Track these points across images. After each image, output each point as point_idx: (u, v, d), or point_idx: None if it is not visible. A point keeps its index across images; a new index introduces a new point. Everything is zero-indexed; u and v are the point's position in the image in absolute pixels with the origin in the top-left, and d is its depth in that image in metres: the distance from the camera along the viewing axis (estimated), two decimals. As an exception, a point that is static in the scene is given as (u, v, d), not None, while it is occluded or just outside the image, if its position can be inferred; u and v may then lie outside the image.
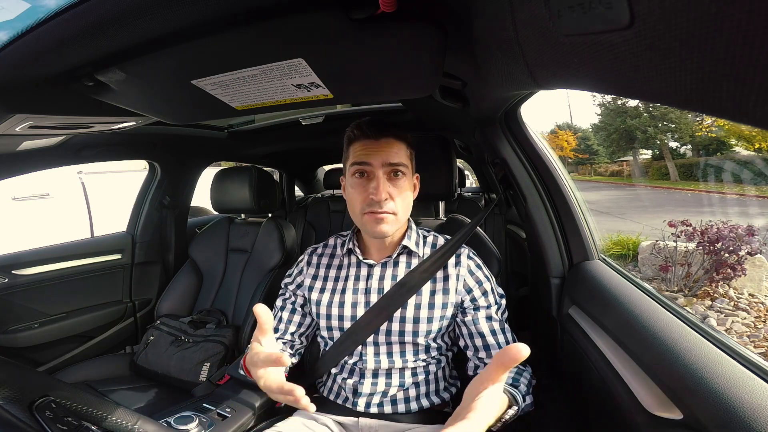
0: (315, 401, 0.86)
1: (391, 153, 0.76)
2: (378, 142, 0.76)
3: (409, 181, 0.80)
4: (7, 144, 0.88)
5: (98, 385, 1.23)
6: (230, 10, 0.38)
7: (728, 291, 3.05)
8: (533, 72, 0.42)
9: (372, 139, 0.77)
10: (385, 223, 0.75)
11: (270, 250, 1.40)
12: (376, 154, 0.75)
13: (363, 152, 0.76)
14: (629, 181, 17.58)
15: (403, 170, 0.77)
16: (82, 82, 0.52)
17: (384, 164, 0.75)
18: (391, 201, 0.75)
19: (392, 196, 0.75)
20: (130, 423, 0.55)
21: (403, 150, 0.78)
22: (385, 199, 0.74)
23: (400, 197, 0.77)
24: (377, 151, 0.75)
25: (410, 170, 0.81)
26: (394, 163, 0.76)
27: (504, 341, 0.78)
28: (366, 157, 0.75)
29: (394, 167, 0.76)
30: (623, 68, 0.26)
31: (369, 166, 0.75)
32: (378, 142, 0.76)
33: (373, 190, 0.74)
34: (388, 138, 0.77)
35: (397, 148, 0.77)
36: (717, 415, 0.40)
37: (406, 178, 0.78)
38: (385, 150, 0.76)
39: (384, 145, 0.76)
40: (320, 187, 2.63)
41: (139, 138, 1.35)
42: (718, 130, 14.46)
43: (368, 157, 0.75)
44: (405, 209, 0.79)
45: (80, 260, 1.46)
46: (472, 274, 0.81)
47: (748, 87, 0.17)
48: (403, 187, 0.77)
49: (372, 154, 0.75)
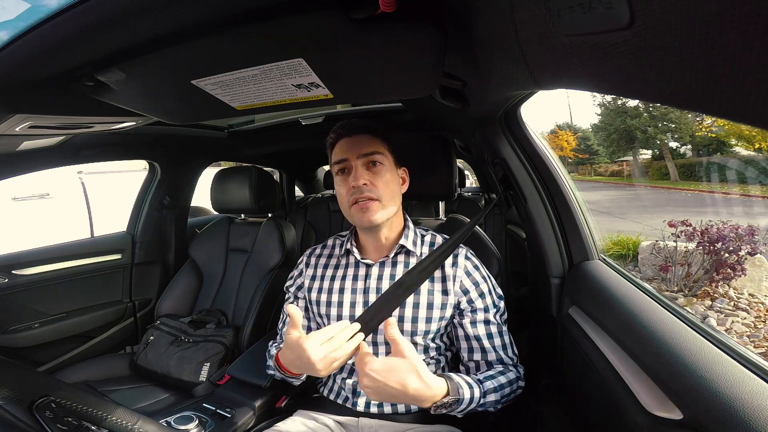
0: (315, 401, 0.87)
1: (365, 145, 0.79)
2: (352, 138, 0.80)
3: (389, 170, 0.81)
4: (7, 144, 0.88)
5: (98, 385, 1.23)
6: (230, 10, 0.38)
7: (728, 291, 3.05)
8: (533, 72, 0.42)
9: (346, 137, 0.81)
10: (370, 210, 0.77)
11: (270, 250, 1.40)
12: (351, 149, 0.79)
13: (340, 150, 0.80)
14: (629, 181, 17.57)
15: (379, 159, 0.80)
16: (82, 82, 0.52)
17: (359, 155, 0.78)
18: (372, 187, 0.77)
19: (372, 182, 0.78)
20: (130, 423, 0.55)
21: (377, 141, 0.81)
22: (363, 184, 0.77)
23: (382, 184, 0.79)
24: (352, 146, 0.79)
25: (389, 160, 0.82)
26: (368, 152, 0.79)
27: (500, 344, 0.78)
28: (343, 153, 0.80)
29: (369, 157, 0.79)
30: (623, 68, 0.26)
31: (347, 161, 0.79)
32: (352, 139, 0.80)
33: (353, 179, 0.77)
34: (362, 133, 0.81)
35: (371, 140, 0.80)
36: (717, 415, 0.40)
37: (385, 167, 0.80)
38: (360, 143, 0.79)
39: (357, 139, 0.80)
40: (320, 187, 2.63)
41: (139, 138, 1.35)
42: (718, 130, 14.46)
43: (345, 153, 0.79)
44: (389, 196, 0.80)
45: (80, 260, 1.46)
46: (469, 275, 0.81)
47: (748, 87, 0.17)
48: (381, 174, 0.79)
49: (348, 150, 0.79)
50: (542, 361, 0.97)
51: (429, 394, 0.61)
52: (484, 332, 0.78)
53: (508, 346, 0.80)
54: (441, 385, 0.64)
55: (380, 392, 0.60)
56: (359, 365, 0.62)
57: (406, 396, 0.60)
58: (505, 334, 0.80)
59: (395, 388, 0.59)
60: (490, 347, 0.78)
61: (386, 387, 0.59)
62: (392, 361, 0.61)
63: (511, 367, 0.77)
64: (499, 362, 0.78)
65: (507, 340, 0.80)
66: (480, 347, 0.78)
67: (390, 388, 0.59)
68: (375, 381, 0.59)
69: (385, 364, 0.60)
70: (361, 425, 0.80)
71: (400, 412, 0.80)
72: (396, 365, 0.60)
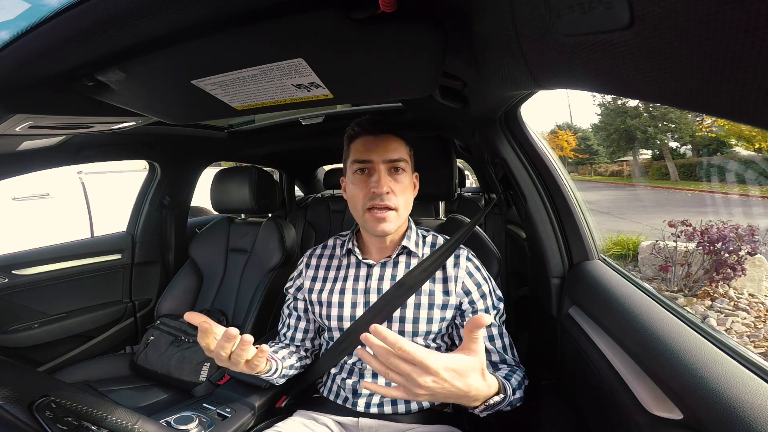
0: (315, 401, 0.87)
1: (391, 149, 0.77)
2: (378, 138, 0.77)
3: (409, 178, 0.80)
4: (7, 144, 0.88)
5: (98, 385, 1.23)
6: (230, 11, 0.38)
7: (728, 291, 3.05)
8: (533, 72, 0.42)
9: (372, 135, 0.78)
10: (386, 222, 0.75)
11: (270, 250, 1.40)
12: (376, 150, 0.76)
13: (364, 149, 0.77)
14: (629, 181, 17.57)
15: (403, 166, 0.78)
16: (82, 82, 0.52)
17: (385, 160, 0.76)
18: (392, 195, 0.75)
19: (394, 191, 0.76)
20: (130, 423, 0.55)
21: (402, 146, 0.79)
22: (386, 192, 0.74)
23: (401, 193, 0.77)
24: (377, 147, 0.76)
25: (410, 167, 0.81)
26: (394, 159, 0.76)
27: (501, 346, 0.78)
28: (367, 153, 0.76)
29: (394, 163, 0.77)
30: (623, 68, 0.26)
31: (370, 162, 0.76)
32: (378, 138, 0.77)
33: (375, 184, 0.74)
34: (388, 134, 0.78)
35: (397, 144, 0.78)
36: (717, 415, 0.40)
37: (407, 175, 0.79)
38: (385, 146, 0.76)
39: (384, 140, 0.77)
40: (320, 187, 2.63)
41: (139, 138, 1.35)
42: (718, 130, 14.46)
43: (369, 154, 0.76)
44: (406, 206, 0.79)
45: (80, 260, 1.46)
46: (471, 276, 0.81)
47: (748, 87, 0.17)
48: (403, 183, 0.78)
49: (373, 151, 0.76)
50: (542, 361, 0.97)
51: (486, 393, 0.55)
52: (486, 334, 0.78)
53: (509, 348, 0.79)
54: (495, 382, 0.57)
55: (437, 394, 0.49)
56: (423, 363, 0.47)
57: (466, 397, 0.51)
58: (504, 335, 0.80)
59: (460, 388, 0.50)
60: (492, 349, 0.78)
61: (451, 388, 0.49)
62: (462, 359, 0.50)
63: (516, 367, 0.77)
64: (503, 363, 0.78)
65: (507, 342, 0.80)
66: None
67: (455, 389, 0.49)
68: (441, 381, 0.48)
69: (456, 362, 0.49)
70: (360, 425, 0.80)
71: (400, 412, 0.80)
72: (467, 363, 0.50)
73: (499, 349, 0.78)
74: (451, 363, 0.49)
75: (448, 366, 0.48)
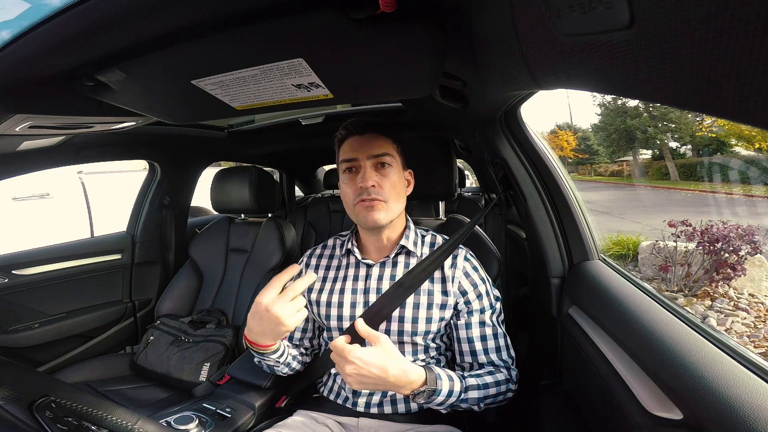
0: (315, 401, 0.87)
1: (376, 145, 0.79)
2: (363, 137, 0.80)
3: (397, 172, 0.81)
4: (7, 144, 0.88)
5: (98, 385, 1.23)
6: (230, 11, 0.38)
7: (728, 291, 3.05)
8: (533, 72, 0.42)
9: (357, 135, 0.80)
10: (376, 210, 0.76)
11: (270, 250, 1.40)
12: (361, 148, 0.79)
13: (350, 149, 0.80)
14: (629, 181, 17.56)
15: (388, 161, 0.79)
16: (82, 82, 0.52)
17: (369, 156, 0.78)
18: (380, 189, 0.77)
19: (380, 184, 0.78)
20: (130, 423, 0.55)
21: (388, 143, 0.81)
22: (372, 185, 0.76)
23: (389, 186, 0.79)
24: (362, 145, 0.79)
25: (398, 162, 0.82)
26: (378, 154, 0.79)
27: (494, 347, 0.78)
28: (353, 152, 0.79)
29: (379, 158, 0.79)
30: (623, 68, 0.26)
31: (356, 160, 0.79)
32: (363, 137, 0.80)
33: (361, 179, 0.77)
34: (373, 133, 0.80)
35: (382, 141, 0.80)
36: (717, 415, 0.40)
37: (393, 169, 0.80)
38: (370, 143, 0.79)
39: (369, 139, 0.79)
40: (320, 187, 2.63)
41: (139, 138, 1.35)
42: (718, 130, 14.45)
43: (355, 153, 0.79)
44: (396, 198, 0.80)
45: (80, 260, 1.46)
46: (467, 276, 0.81)
47: (748, 87, 0.17)
48: (391, 177, 0.79)
49: (358, 149, 0.79)
50: (542, 361, 0.97)
51: (406, 381, 0.64)
52: (478, 334, 0.78)
53: (503, 349, 0.79)
54: (419, 372, 0.66)
55: (362, 379, 0.62)
56: (342, 354, 0.63)
57: (386, 382, 0.63)
58: (500, 336, 0.80)
59: (376, 374, 0.61)
60: (482, 349, 0.78)
61: (369, 373, 0.61)
62: (372, 349, 0.64)
63: (503, 369, 0.77)
64: (490, 364, 0.78)
65: (502, 343, 0.79)
66: (471, 350, 0.78)
67: (372, 375, 0.62)
68: (358, 368, 0.61)
69: (366, 351, 0.63)
70: (361, 425, 0.80)
71: (399, 412, 0.80)
72: (375, 351, 0.63)
73: (490, 350, 0.78)
74: (360, 353, 0.62)
75: (357, 356, 0.62)
